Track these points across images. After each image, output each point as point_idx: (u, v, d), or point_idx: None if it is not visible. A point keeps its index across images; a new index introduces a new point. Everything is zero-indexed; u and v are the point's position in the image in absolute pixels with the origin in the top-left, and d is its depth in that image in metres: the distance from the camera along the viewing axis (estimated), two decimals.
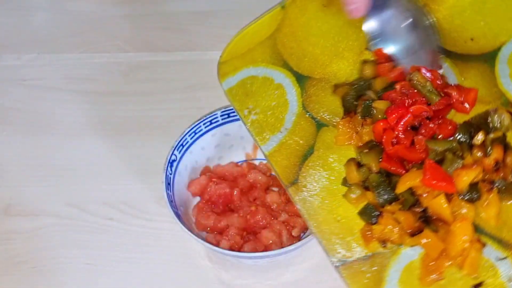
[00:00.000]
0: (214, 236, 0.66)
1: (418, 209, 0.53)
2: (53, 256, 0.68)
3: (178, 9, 0.96)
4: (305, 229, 0.67)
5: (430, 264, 0.51)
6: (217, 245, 0.64)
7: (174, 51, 0.90)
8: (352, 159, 0.58)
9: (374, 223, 0.54)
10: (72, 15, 0.96)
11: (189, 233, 0.61)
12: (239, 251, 0.64)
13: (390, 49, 0.58)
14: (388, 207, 0.54)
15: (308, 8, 0.66)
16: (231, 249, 0.64)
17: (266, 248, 0.65)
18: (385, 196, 0.54)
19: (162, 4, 0.97)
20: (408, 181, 0.53)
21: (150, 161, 0.75)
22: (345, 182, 0.58)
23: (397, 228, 0.53)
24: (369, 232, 0.54)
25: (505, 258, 0.50)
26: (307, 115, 0.61)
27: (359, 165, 0.57)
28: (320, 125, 0.60)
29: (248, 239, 0.66)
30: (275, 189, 0.71)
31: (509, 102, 0.57)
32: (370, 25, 0.55)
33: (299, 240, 0.65)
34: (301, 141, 0.60)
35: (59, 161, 0.77)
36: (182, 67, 0.87)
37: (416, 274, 0.52)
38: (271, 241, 0.65)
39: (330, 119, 0.61)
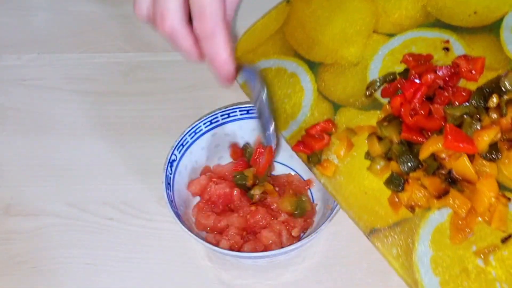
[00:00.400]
0: (214, 236, 0.66)
1: (443, 172, 0.55)
2: (53, 256, 0.69)
3: None
4: (305, 229, 0.67)
5: (459, 223, 0.53)
6: (217, 245, 0.64)
7: (174, 51, 0.89)
8: (373, 133, 0.60)
9: (401, 191, 0.56)
10: (72, 15, 0.96)
11: (189, 233, 0.61)
12: (239, 251, 0.64)
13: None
14: (413, 174, 0.56)
15: (312, 0, 0.67)
16: (231, 249, 0.64)
17: (266, 248, 0.65)
18: (409, 164, 0.56)
19: None
20: (431, 147, 0.55)
21: (150, 161, 0.75)
22: (367, 155, 0.60)
23: (423, 193, 0.55)
24: (397, 200, 0.56)
25: None
26: (323, 99, 0.63)
27: (380, 138, 0.60)
28: (337, 106, 0.63)
29: (248, 239, 0.66)
30: (275, 188, 0.71)
31: None
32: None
33: (299, 240, 0.65)
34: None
35: (59, 161, 0.77)
36: (182, 67, 0.87)
37: (446, 235, 0.53)
38: (271, 241, 0.65)
39: (347, 100, 0.63)
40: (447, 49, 0.63)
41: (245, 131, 0.73)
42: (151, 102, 0.83)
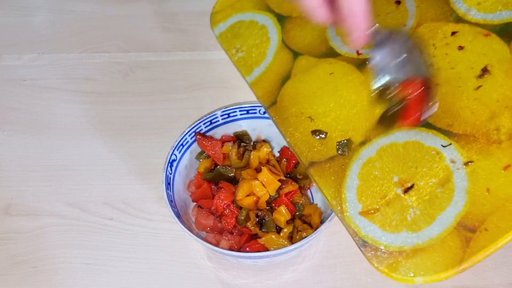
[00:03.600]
0: (214, 236, 0.66)
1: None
2: (53, 256, 0.69)
3: (178, 9, 0.96)
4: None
5: None
6: (217, 245, 0.64)
7: (174, 51, 0.90)
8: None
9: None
10: (72, 15, 0.96)
11: (189, 233, 0.61)
12: (239, 251, 0.64)
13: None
14: None
15: None
16: (231, 249, 0.64)
17: (266, 248, 0.65)
18: None
19: (162, 4, 0.97)
20: None
21: (150, 161, 0.75)
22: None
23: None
24: None
25: (449, 145, 0.56)
26: (286, 48, 0.69)
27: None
28: (296, 54, 0.68)
29: (249, 239, 0.66)
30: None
31: (459, 17, 0.63)
32: (372, 61, 0.59)
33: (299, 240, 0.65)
34: (280, 69, 0.68)
35: (59, 161, 0.77)
36: (182, 67, 0.88)
37: (375, 167, 0.58)
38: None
39: (305, 48, 0.68)
40: (398, 2, 0.67)
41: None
42: (151, 102, 0.83)
